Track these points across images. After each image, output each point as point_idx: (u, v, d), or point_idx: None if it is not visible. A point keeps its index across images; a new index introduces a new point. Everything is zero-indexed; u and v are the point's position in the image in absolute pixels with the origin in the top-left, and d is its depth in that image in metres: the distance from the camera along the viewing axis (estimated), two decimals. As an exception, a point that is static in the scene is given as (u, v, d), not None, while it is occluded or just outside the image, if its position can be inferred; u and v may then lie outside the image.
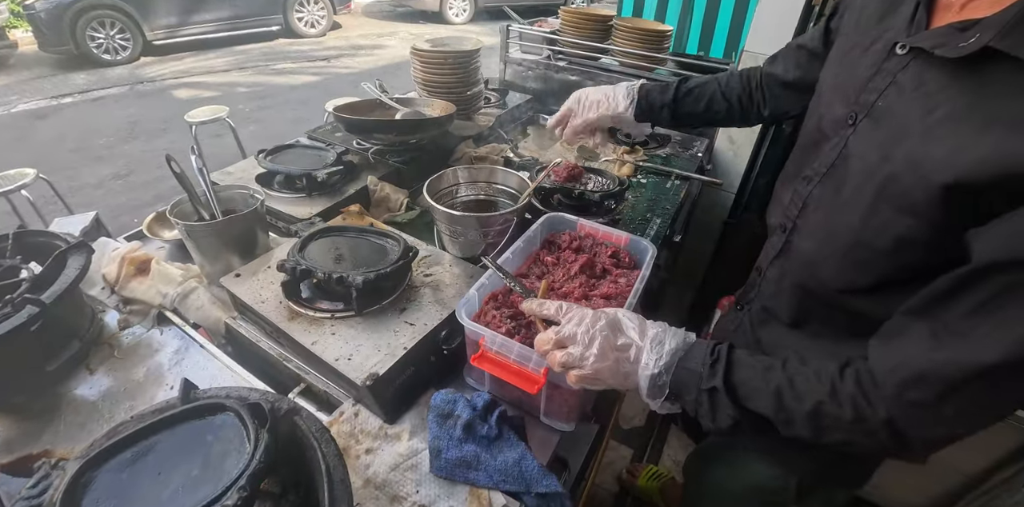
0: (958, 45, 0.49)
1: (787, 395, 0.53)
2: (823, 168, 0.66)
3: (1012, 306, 0.43)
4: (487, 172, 1.15)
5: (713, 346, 0.59)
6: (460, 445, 0.69)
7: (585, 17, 2.10)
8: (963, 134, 0.48)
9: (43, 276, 0.91)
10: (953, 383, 0.45)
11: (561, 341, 0.61)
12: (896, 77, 0.57)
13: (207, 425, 0.59)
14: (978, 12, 0.51)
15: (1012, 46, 0.45)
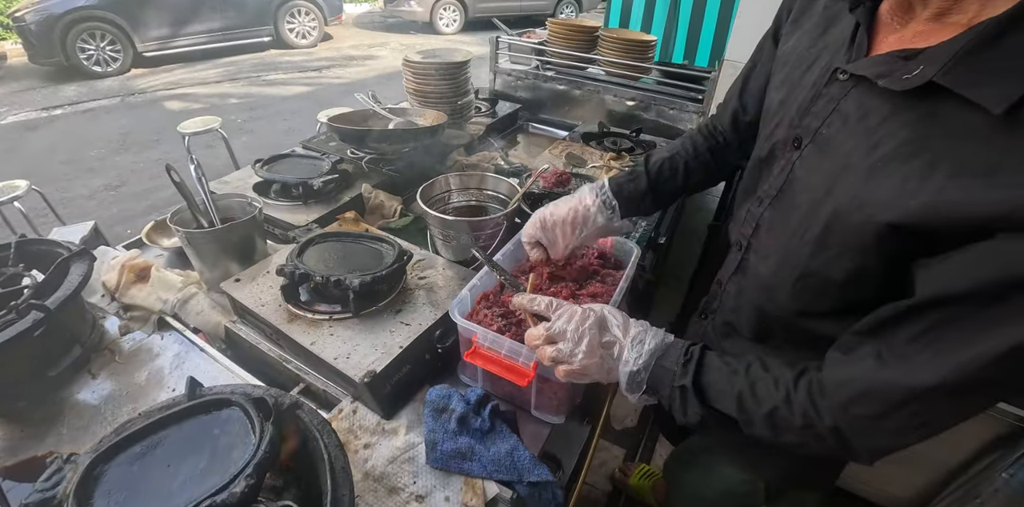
0: (902, 77, 0.48)
1: (748, 399, 0.57)
2: (773, 190, 0.67)
3: (947, 337, 0.46)
4: (478, 179, 1.19)
5: (688, 347, 0.63)
6: (455, 437, 0.72)
7: (572, 28, 2.16)
8: (906, 177, 0.48)
9: (46, 283, 0.94)
10: (894, 402, 0.48)
11: (552, 337, 0.64)
12: (839, 104, 0.57)
13: (213, 419, 0.62)
14: (919, 41, 0.51)
15: (956, 83, 0.45)
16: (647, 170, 0.92)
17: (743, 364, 0.60)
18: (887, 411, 0.49)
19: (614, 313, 0.66)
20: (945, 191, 0.45)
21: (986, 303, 0.43)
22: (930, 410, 0.48)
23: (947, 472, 1.54)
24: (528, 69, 2.21)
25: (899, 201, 0.48)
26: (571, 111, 2.17)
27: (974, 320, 0.44)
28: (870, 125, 0.53)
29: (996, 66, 0.43)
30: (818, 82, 0.61)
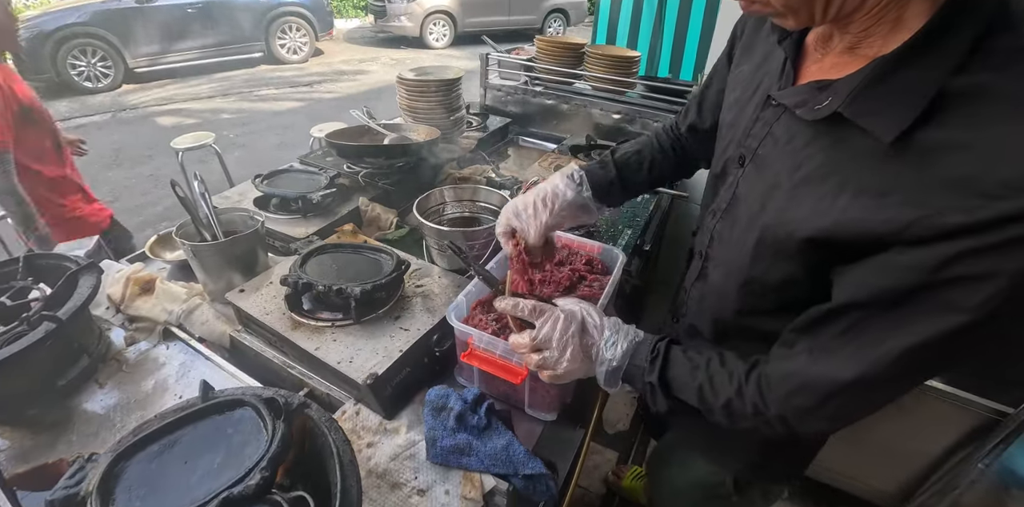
0: (814, 108, 0.54)
1: (707, 391, 0.63)
2: (723, 204, 0.72)
3: (862, 337, 0.51)
4: (470, 191, 1.25)
5: (655, 343, 0.68)
6: (453, 434, 0.77)
7: (558, 45, 2.24)
8: (820, 196, 0.54)
9: (55, 295, 0.97)
10: (825, 394, 0.55)
11: (537, 345, 0.69)
12: (771, 128, 0.63)
13: (227, 419, 0.66)
14: (834, 72, 0.55)
15: (856, 114, 0.49)
16: (614, 160, 0.96)
17: (704, 359, 0.66)
18: (821, 402, 0.55)
19: (591, 313, 0.71)
20: (849, 210, 0.51)
21: (887, 308, 0.49)
22: (855, 400, 0.55)
23: (928, 465, 1.60)
24: (517, 84, 2.28)
25: (814, 218, 0.54)
26: (559, 125, 2.25)
27: (880, 322, 0.50)
28: (795, 148, 0.58)
29: (886, 99, 0.48)
30: (758, 106, 0.66)
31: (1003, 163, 0.42)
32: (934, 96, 0.45)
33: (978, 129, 0.43)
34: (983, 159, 0.43)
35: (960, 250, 0.43)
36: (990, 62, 0.44)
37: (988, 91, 0.44)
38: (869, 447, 1.65)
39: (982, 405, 1.43)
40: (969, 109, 0.44)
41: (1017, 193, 0.40)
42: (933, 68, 0.46)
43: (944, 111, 0.45)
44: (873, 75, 0.48)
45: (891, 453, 1.65)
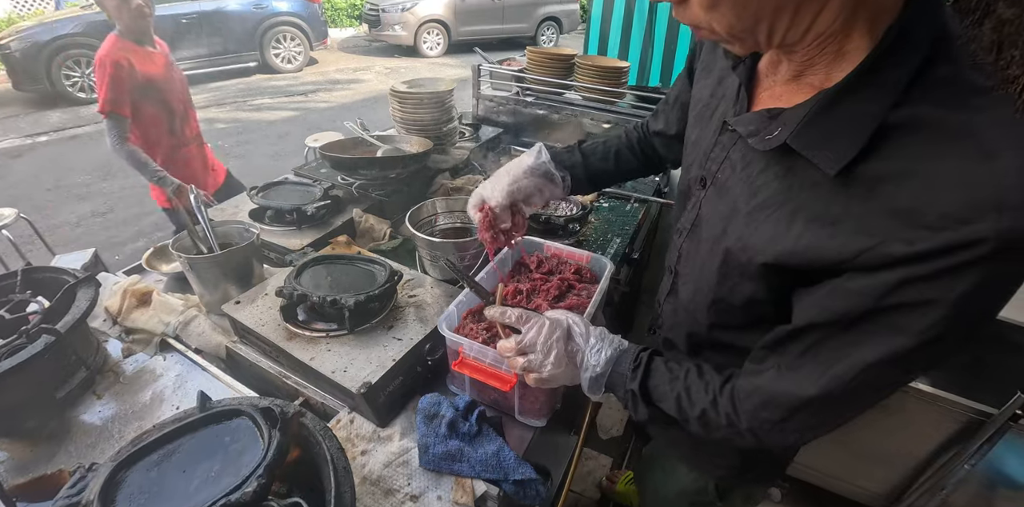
0: (765, 137, 0.55)
1: (684, 401, 0.66)
2: (688, 224, 0.74)
3: (822, 356, 0.54)
4: (462, 202, 1.28)
5: (638, 353, 0.70)
6: (445, 441, 0.79)
7: (549, 56, 2.28)
8: (776, 222, 0.56)
9: (54, 309, 0.99)
10: (790, 408, 0.57)
11: (522, 349, 0.72)
12: (729, 153, 0.65)
13: (224, 428, 0.68)
14: (784, 100, 0.57)
15: (803, 146, 0.51)
16: (580, 148, 1.00)
17: (683, 370, 0.68)
18: (787, 416, 0.58)
19: (578, 322, 0.73)
20: (803, 237, 0.53)
21: (842, 330, 0.52)
22: (818, 414, 0.57)
23: (917, 466, 1.63)
24: (509, 95, 2.32)
25: (771, 244, 0.56)
26: (551, 134, 2.28)
27: (836, 342, 0.53)
28: (751, 174, 0.60)
29: (830, 132, 0.49)
30: (716, 130, 0.68)
31: (943, 196, 0.43)
32: (876, 128, 0.46)
33: (919, 161, 0.45)
34: (925, 191, 0.44)
35: (903, 278, 0.45)
36: (929, 95, 0.46)
37: (927, 123, 0.45)
38: (859, 449, 1.68)
39: (966, 406, 1.46)
40: (909, 141, 0.46)
41: (956, 225, 0.42)
42: (874, 101, 0.47)
43: (886, 143, 0.47)
44: (818, 108, 0.50)
45: (881, 455, 1.68)
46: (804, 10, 0.47)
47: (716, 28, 0.51)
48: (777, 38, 0.51)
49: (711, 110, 0.72)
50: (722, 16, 0.49)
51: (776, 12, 0.48)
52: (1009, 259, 0.42)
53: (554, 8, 10.07)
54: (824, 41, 0.50)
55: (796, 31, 0.49)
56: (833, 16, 0.47)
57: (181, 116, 2.14)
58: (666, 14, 2.98)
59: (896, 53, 0.46)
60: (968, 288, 0.43)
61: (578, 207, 1.37)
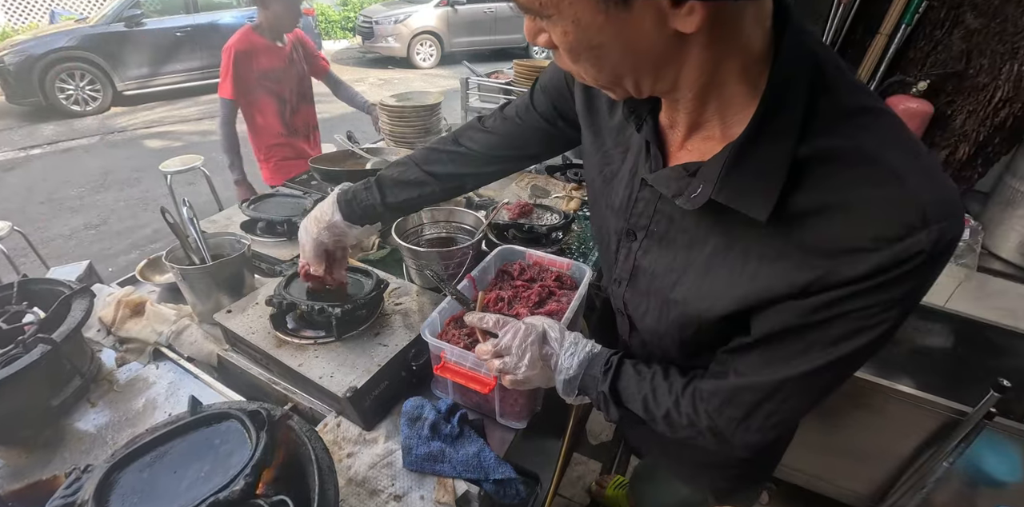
0: (691, 196, 0.55)
1: (650, 402, 0.69)
2: (625, 274, 0.74)
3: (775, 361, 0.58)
4: (447, 213, 1.32)
5: (609, 356, 0.74)
6: (428, 442, 0.82)
7: (536, 69, 2.34)
8: (731, 268, 0.58)
9: (50, 319, 1.02)
10: (751, 405, 0.61)
11: (498, 352, 0.76)
12: (657, 206, 0.65)
13: (214, 431, 0.71)
14: (695, 154, 0.59)
15: (728, 199, 0.52)
16: (377, 183, 0.94)
17: (650, 372, 0.72)
18: (748, 413, 0.62)
19: (553, 327, 0.77)
20: (757, 276, 0.55)
21: (795, 338, 0.56)
22: (777, 410, 0.61)
23: (898, 465, 1.66)
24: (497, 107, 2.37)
25: (730, 289, 0.58)
26: (538, 144, 2.33)
27: (791, 349, 0.57)
28: (689, 226, 0.62)
29: (748, 182, 0.51)
30: (630, 185, 0.68)
31: (872, 220, 0.47)
32: (789, 167, 0.49)
33: (838, 191, 0.49)
34: (854, 219, 0.48)
35: (851, 292, 0.49)
36: (825, 125, 0.49)
37: (831, 155, 0.49)
38: (842, 450, 1.71)
39: (944, 406, 1.50)
40: (822, 172, 0.49)
41: (891, 243, 0.46)
42: (778, 144, 0.49)
43: (803, 177, 0.50)
44: (730, 162, 0.51)
45: (863, 455, 1.71)
46: (663, 70, 0.51)
47: (587, 78, 0.55)
48: (646, 90, 0.54)
49: (615, 165, 0.72)
50: (586, 70, 0.53)
51: (635, 71, 0.51)
52: (938, 262, 0.48)
53: (545, 19, 10.21)
54: (700, 92, 0.53)
55: (663, 84, 0.53)
56: (696, 73, 0.50)
57: (293, 107, 2.34)
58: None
59: (783, 96, 0.49)
60: (908, 290, 0.49)
61: (561, 216, 1.41)
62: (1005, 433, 1.45)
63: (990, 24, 1.70)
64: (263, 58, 2.14)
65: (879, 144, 0.49)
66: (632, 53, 0.49)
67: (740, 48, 0.49)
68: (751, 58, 0.50)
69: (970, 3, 1.71)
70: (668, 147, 0.64)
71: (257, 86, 2.17)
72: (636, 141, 0.68)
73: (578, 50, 0.50)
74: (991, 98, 1.80)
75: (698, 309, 0.63)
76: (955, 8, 1.75)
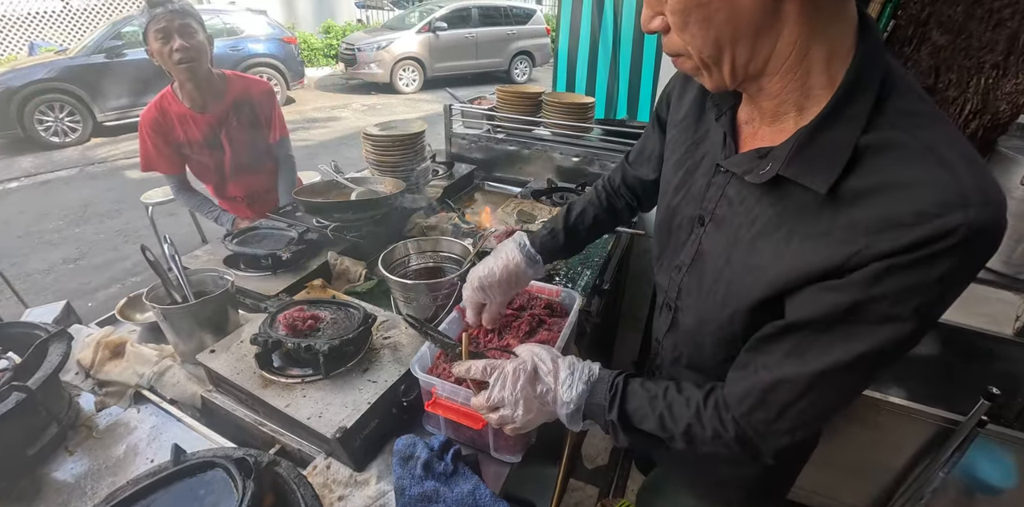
0: (759, 173, 0.62)
1: (667, 419, 0.68)
2: (688, 260, 0.78)
3: (808, 355, 0.59)
4: (433, 243, 1.32)
5: (613, 380, 0.72)
6: (421, 482, 0.80)
7: (517, 95, 2.38)
8: (775, 244, 0.62)
9: (25, 364, 0.99)
10: (783, 404, 0.61)
11: (493, 405, 0.74)
12: (725, 190, 0.71)
13: (198, 481, 0.69)
14: (767, 141, 0.65)
15: (794, 174, 0.58)
16: (565, 227, 1.05)
17: (661, 388, 0.71)
18: (781, 412, 0.62)
19: (543, 360, 0.76)
20: (799, 253, 0.59)
21: (831, 324, 0.57)
22: (811, 406, 0.61)
23: (895, 477, 1.66)
24: (480, 132, 2.41)
25: (772, 265, 0.62)
26: (523, 168, 2.36)
27: (828, 337, 0.58)
28: (748, 206, 0.67)
29: (815, 159, 0.57)
30: (708, 172, 0.75)
31: (917, 197, 0.51)
32: (852, 151, 0.55)
33: (891, 174, 0.53)
34: (901, 196, 0.52)
35: (888, 266, 0.52)
36: (888, 121, 0.55)
37: (891, 144, 0.54)
38: (838, 464, 1.71)
39: (936, 415, 1.51)
40: (879, 160, 0.54)
41: (932, 219, 0.49)
42: (846, 130, 0.56)
43: (860, 164, 0.55)
44: (800, 142, 0.58)
45: (859, 469, 1.71)
46: (761, 39, 0.56)
47: (692, 52, 0.60)
48: (740, 70, 0.59)
49: (697, 157, 0.79)
50: (692, 37, 0.58)
51: (735, 41, 0.57)
52: (975, 245, 0.50)
53: (526, 43, 10.47)
54: (786, 74, 0.58)
55: (756, 61, 0.58)
56: (788, 49, 0.56)
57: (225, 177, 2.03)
58: (629, 49, 3.14)
59: (855, 92, 0.55)
60: (945, 271, 0.51)
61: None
62: (998, 440, 1.47)
63: (956, 40, 1.78)
64: (179, 128, 1.82)
65: (934, 139, 0.53)
66: (735, 15, 0.54)
67: (828, 38, 0.55)
68: (836, 52, 0.56)
69: (936, 21, 1.79)
70: (741, 141, 0.71)
71: (179, 156, 1.88)
72: (715, 137, 0.75)
73: (689, 9, 0.56)
74: (961, 111, 1.87)
75: (743, 285, 0.66)
76: (921, 25, 1.82)
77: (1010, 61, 1.76)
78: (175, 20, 1.62)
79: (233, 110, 1.85)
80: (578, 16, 3.23)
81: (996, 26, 1.73)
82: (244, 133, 1.90)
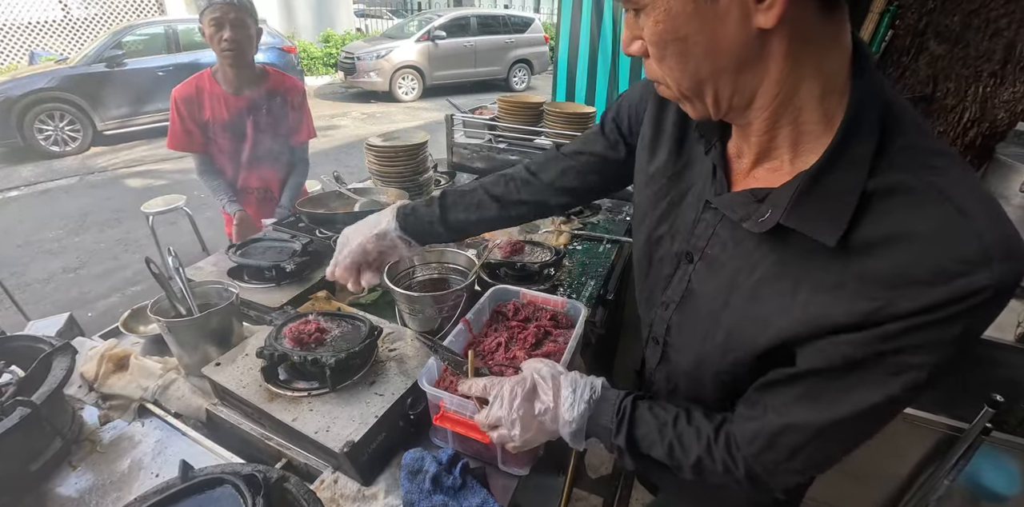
0: (758, 220, 0.57)
1: (676, 449, 0.67)
2: (676, 297, 0.74)
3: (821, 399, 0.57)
4: (438, 254, 1.32)
5: (620, 402, 0.71)
6: (429, 496, 0.80)
7: (519, 105, 2.40)
8: (780, 294, 0.58)
9: (28, 379, 0.98)
10: (794, 448, 0.60)
11: (492, 424, 0.74)
12: (716, 229, 0.67)
13: (207, 498, 0.68)
14: (763, 181, 0.61)
15: (798, 224, 0.54)
16: (442, 198, 0.98)
17: (671, 415, 0.69)
18: (791, 455, 0.61)
19: (544, 377, 0.74)
20: (810, 305, 0.55)
21: (845, 372, 0.55)
22: (821, 451, 0.60)
23: (900, 485, 1.65)
24: (482, 142, 2.42)
25: (779, 315, 0.58)
26: (523, 177, 2.36)
27: (841, 384, 0.56)
28: (747, 250, 0.63)
29: (820, 209, 0.53)
30: (696, 207, 0.71)
31: (935, 253, 0.48)
32: (859, 198, 0.51)
33: (904, 224, 0.50)
34: (918, 251, 0.49)
35: (907, 326, 0.49)
36: (895, 162, 0.51)
37: (901, 188, 0.50)
38: (842, 472, 1.70)
39: (940, 423, 1.50)
40: (890, 206, 0.51)
41: (953, 278, 0.47)
42: (851, 175, 0.52)
43: (869, 210, 0.51)
44: (802, 189, 0.53)
45: (864, 477, 1.70)
46: (743, 76, 0.53)
47: (670, 83, 0.57)
48: (723, 103, 0.56)
49: (682, 188, 0.74)
50: (670, 70, 0.55)
51: (715, 74, 0.54)
52: (1001, 301, 0.48)
53: (524, 51, 10.54)
54: (776, 110, 0.55)
55: (741, 97, 0.55)
56: (775, 87, 0.53)
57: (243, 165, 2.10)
58: (628, 58, 3.16)
59: (857, 131, 0.52)
60: (964, 329, 0.48)
61: (551, 252, 1.42)
62: (1002, 447, 1.46)
63: (953, 49, 1.80)
64: (208, 106, 1.91)
65: (949, 184, 0.50)
66: (715, 50, 0.51)
67: (820, 72, 0.52)
68: (829, 86, 0.53)
69: (933, 31, 1.81)
70: (732, 175, 0.66)
71: (203, 136, 1.96)
72: (699, 167, 0.71)
73: (666, 42, 0.53)
74: (960, 119, 1.89)
75: (746, 334, 0.63)
76: (919, 36, 1.85)
77: (1007, 70, 1.78)
78: (231, 12, 1.75)
79: (265, 99, 1.95)
80: (577, 26, 3.26)
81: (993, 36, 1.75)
82: (270, 124, 1.99)
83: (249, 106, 1.93)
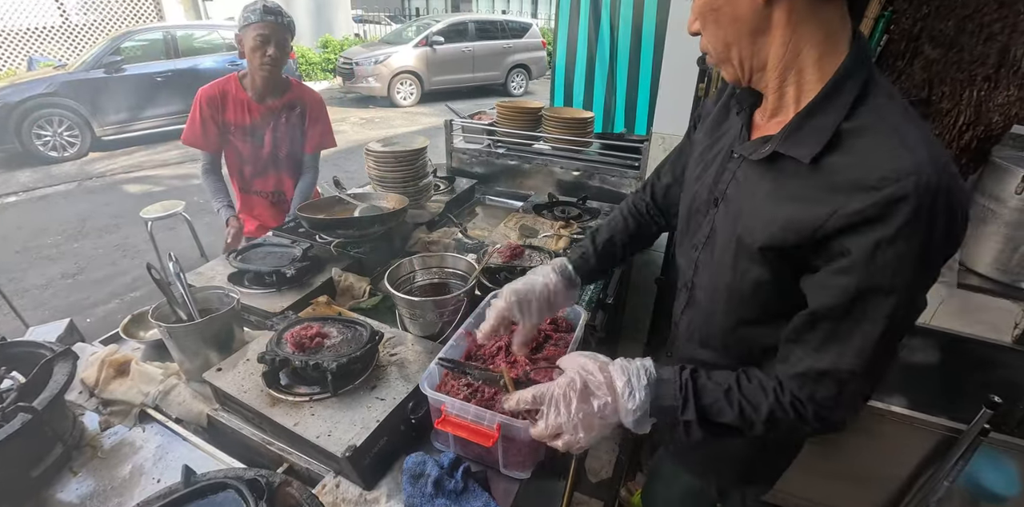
0: (761, 151, 0.73)
1: (747, 409, 0.71)
2: (703, 238, 0.88)
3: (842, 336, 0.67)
4: (438, 259, 1.32)
5: (679, 380, 0.73)
6: (432, 500, 0.80)
7: (517, 110, 2.41)
8: (771, 207, 0.72)
9: (29, 384, 0.98)
10: (840, 381, 0.68)
11: (553, 432, 0.73)
12: (735, 174, 0.81)
13: (210, 503, 0.69)
14: (771, 131, 0.75)
15: (786, 149, 0.70)
16: (595, 253, 1.09)
17: (731, 378, 0.74)
18: (840, 389, 0.68)
19: (592, 372, 0.74)
20: (788, 211, 0.69)
21: (845, 314, 0.66)
22: (866, 377, 0.68)
23: (899, 487, 1.65)
24: (481, 147, 2.43)
25: (769, 224, 0.72)
26: (523, 182, 2.38)
27: (847, 323, 0.66)
28: (753, 182, 0.77)
29: (803, 138, 0.68)
30: (723, 160, 0.85)
31: (881, 167, 0.61)
32: (832, 134, 0.66)
33: (861, 150, 0.64)
34: (869, 167, 0.62)
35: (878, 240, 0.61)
36: (867, 110, 0.66)
37: (868, 129, 0.65)
38: (841, 475, 1.70)
39: (938, 424, 1.51)
40: (856, 140, 0.65)
41: (889, 183, 0.60)
42: (830, 116, 0.66)
43: (840, 144, 0.66)
44: (791, 127, 0.69)
45: (863, 479, 1.70)
46: (757, 39, 0.69)
47: (711, 50, 0.74)
48: (746, 63, 0.72)
49: (716, 150, 0.88)
50: (709, 36, 0.73)
51: (738, 39, 0.70)
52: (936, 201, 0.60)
53: (522, 56, 10.58)
54: (783, 71, 0.70)
55: (758, 59, 0.71)
56: (781, 48, 0.68)
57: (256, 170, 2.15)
58: (625, 63, 3.18)
59: (841, 86, 0.67)
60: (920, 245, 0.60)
61: (551, 257, 1.42)
62: (1001, 448, 1.47)
63: (948, 54, 1.82)
64: (231, 110, 1.99)
65: (900, 124, 0.64)
66: (736, 19, 0.68)
67: (818, 41, 0.67)
68: (827, 53, 0.67)
69: (927, 35, 1.82)
70: (753, 133, 0.82)
71: (221, 136, 2.02)
72: (732, 131, 0.86)
73: (705, 14, 0.71)
74: (955, 123, 1.90)
75: (744, 242, 0.76)
76: (914, 40, 1.86)
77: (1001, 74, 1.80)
78: (278, 32, 1.83)
79: (286, 109, 2.05)
80: (575, 31, 3.28)
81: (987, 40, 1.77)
82: (288, 132, 2.08)
83: (271, 114, 2.02)
